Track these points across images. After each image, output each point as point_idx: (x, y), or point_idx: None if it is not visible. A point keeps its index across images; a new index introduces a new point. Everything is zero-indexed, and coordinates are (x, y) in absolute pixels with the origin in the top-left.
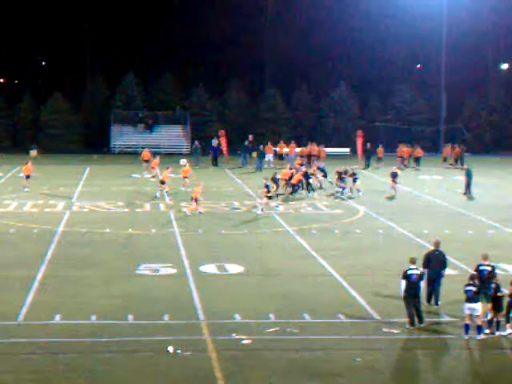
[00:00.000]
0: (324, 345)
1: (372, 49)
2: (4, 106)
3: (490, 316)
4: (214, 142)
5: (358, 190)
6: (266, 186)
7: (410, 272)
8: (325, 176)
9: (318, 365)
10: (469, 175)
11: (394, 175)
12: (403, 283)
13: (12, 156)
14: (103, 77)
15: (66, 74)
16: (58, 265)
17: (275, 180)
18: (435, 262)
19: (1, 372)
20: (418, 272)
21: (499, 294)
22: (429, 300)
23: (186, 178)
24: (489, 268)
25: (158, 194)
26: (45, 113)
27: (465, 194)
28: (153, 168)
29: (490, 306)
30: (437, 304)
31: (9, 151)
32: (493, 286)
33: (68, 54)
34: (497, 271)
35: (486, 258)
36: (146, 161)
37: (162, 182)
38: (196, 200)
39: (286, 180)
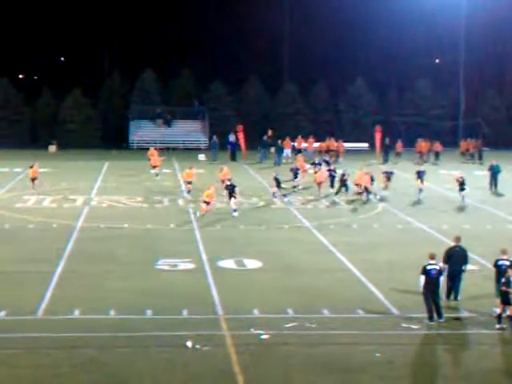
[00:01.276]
0: (343, 340)
1: (390, 43)
2: (23, 102)
3: (498, 311)
4: (232, 137)
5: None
6: (276, 179)
7: (429, 267)
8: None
9: (336, 360)
10: (494, 171)
11: (390, 174)
12: (422, 278)
13: (31, 151)
14: (121, 72)
15: (84, 69)
16: (76, 260)
17: (277, 179)
18: (456, 258)
19: (20, 367)
20: (438, 267)
21: (503, 289)
22: (448, 296)
23: (189, 183)
24: (507, 262)
25: (185, 194)
26: (63, 108)
27: (490, 189)
28: (156, 166)
29: (498, 300)
30: (456, 299)
31: (28, 147)
32: (502, 280)
33: (86, 49)
34: None
35: (504, 252)
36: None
37: (189, 182)
38: (207, 203)
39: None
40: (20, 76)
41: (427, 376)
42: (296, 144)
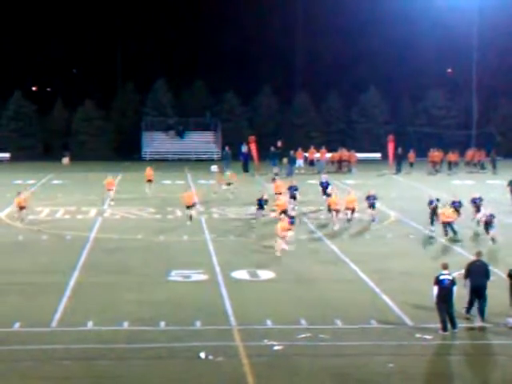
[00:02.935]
0: (356, 351)
1: (403, 53)
2: (36, 114)
3: None
4: (244, 148)
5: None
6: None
7: (441, 277)
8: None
9: (350, 371)
10: (510, 186)
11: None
12: (435, 289)
13: (44, 163)
14: (134, 84)
15: (96, 81)
16: (90, 271)
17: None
18: (477, 273)
19: (34, 378)
20: (450, 277)
21: None
22: (468, 311)
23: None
24: None
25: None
26: (76, 120)
27: None
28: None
29: None
30: (482, 319)
31: (41, 159)
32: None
33: (99, 61)
34: None
35: None
36: (149, 180)
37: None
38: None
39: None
40: (33, 88)
41: None
42: (308, 155)
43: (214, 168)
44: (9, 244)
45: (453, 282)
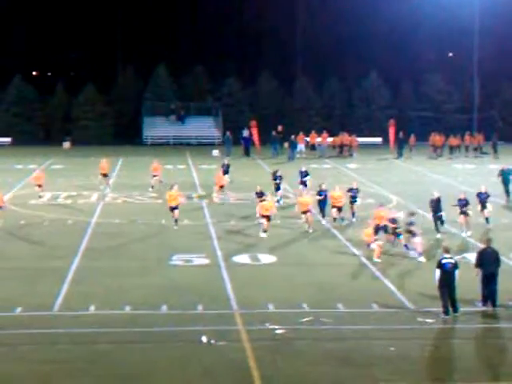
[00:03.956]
0: (358, 334)
1: (404, 37)
2: (37, 98)
3: None
4: (245, 133)
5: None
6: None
7: (444, 261)
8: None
9: (352, 354)
10: (505, 178)
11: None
12: (438, 272)
13: (45, 148)
14: (135, 68)
15: (97, 66)
16: (92, 256)
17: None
18: (488, 261)
19: (37, 362)
20: (453, 261)
21: None
22: (484, 303)
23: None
24: None
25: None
26: (77, 105)
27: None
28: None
29: None
30: (495, 305)
31: (42, 143)
32: None
33: (99, 46)
34: None
35: None
36: (155, 176)
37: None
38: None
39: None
40: (34, 73)
41: (442, 370)
42: (309, 139)
43: (216, 152)
44: (11, 229)
45: (455, 266)
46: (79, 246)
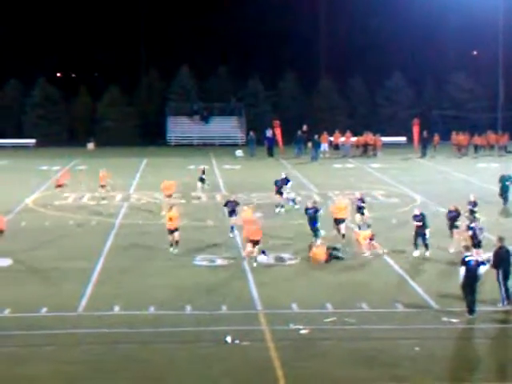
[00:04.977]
0: (382, 334)
1: (427, 36)
2: (61, 100)
3: None
4: (269, 133)
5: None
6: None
7: (467, 259)
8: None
9: (376, 354)
10: (503, 184)
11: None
12: (462, 270)
13: (69, 149)
14: (158, 69)
15: (121, 67)
16: (116, 256)
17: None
18: (506, 259)
19: (62, 362)
20: (475, 259)
21: None
22: (508, 298)
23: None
24: None
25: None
26: (101, 106)
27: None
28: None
29: None
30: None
31: (66, 145)
32: None
33: (123, 47)
34: None
35: None
36: (169, 195)
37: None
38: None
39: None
40: (58, 74)
41: (467, 370)
42: (333, 139)
43: (239, 153)
44: (35, 230)
45: (478, 264)
46: (103, 247)
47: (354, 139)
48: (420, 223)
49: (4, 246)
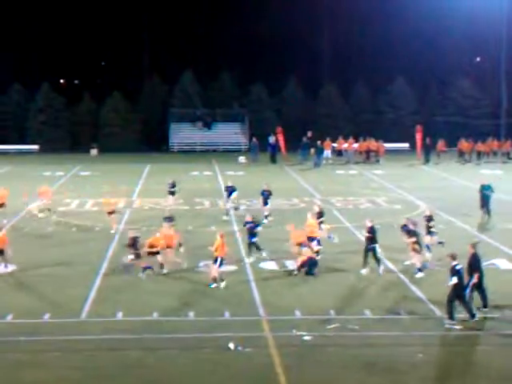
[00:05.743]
0: (385, 341)
1: (430, 42)
2: (64, 106)
3: None
4: (272, 139)
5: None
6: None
7: (458, 267)
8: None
9: (379, 361)
10: (483, 194)
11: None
12: (455, 280)
13: (72, 155)
14: (161, 75)
15: (124, 73)
16: (119, 262)
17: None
18: (480, 264)
19: (66, 368)
20: (461, 266)
21: None
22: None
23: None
24: None
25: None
26: (104, 112)
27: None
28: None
29: None
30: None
31: (69, 151)
32: None
33: (126, 53)
34: None
35: None
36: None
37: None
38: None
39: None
40: (61, 81)
41: (471, 377)
42: (336, 145)
43: (242, 159)
44: (38, 236)
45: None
46: (107, 253)
47: (356, 145)
48: (370, 235)
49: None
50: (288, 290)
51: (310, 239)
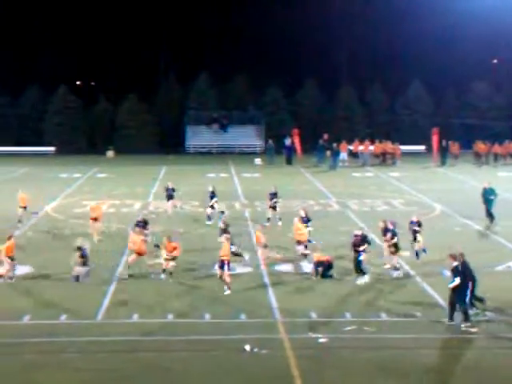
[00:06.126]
0: (401, 344)
1: (447, 45)
2: (81, 108)
3: None
4: (288, 141)
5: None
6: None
7: (460, 268)
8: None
9: (395, 364)
10: (486, 198)
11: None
12: (458, 280)
13: (89, 157)
14: (177, 77)
15: (140, 75)
16: (135, 264)
17: None
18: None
19: (82, 370)
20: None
21: None
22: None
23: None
24: None
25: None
26: (120, 114)
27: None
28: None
29: None
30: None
31: (85, 152)
32: None
33: (142, 55)
34: None
35: None
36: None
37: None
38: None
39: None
40: (77, 83)
41: (488, 380)
42: (352, 147)
43: (258, 161)
44: (55, 237)
45: None
46: (123, 255)
47: (372, 148)
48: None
49: (24, 254)
50: (304, 292)
51: (298, 243)
